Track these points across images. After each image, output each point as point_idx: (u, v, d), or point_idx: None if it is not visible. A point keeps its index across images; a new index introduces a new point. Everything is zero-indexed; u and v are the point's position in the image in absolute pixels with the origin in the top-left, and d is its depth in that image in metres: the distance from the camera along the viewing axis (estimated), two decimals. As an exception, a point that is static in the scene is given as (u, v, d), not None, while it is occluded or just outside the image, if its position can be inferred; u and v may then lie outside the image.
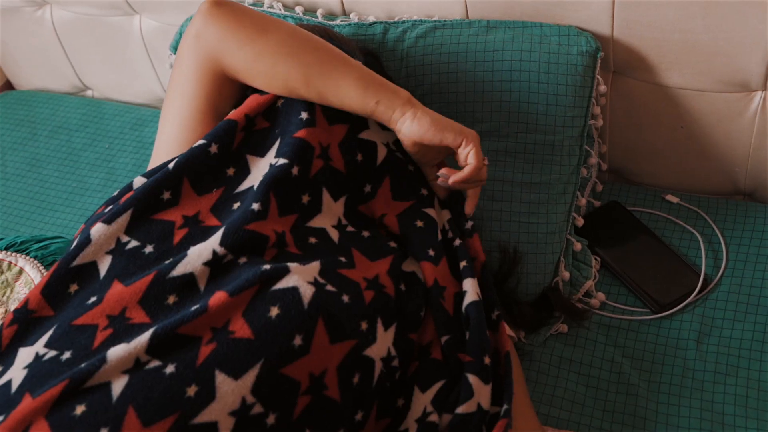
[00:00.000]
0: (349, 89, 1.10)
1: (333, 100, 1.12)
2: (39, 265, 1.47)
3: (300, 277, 0.95)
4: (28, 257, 1.49)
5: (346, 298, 0.98)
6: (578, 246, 1.37)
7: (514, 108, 1.32)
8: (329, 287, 0.97)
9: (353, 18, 1.48)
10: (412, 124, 1.10)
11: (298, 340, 0.91)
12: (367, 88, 1.10)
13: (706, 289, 1.33)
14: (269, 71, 1.13)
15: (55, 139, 1.87)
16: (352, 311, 0.98)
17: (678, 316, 1.31)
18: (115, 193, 1.11)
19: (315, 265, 0.99)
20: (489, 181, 1.32)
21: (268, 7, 1.52)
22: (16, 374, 0.90)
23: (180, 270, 0.96)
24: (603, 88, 1.38)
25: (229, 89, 1.18)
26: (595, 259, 1.39)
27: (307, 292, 0.94)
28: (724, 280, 1.34)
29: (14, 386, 0.88)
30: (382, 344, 1.00)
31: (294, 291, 0.94)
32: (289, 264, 0.97)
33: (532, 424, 1.11)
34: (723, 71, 1.33)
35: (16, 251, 1.51)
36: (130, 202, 1.04)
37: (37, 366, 0.90)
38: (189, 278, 0.96)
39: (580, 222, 1.40)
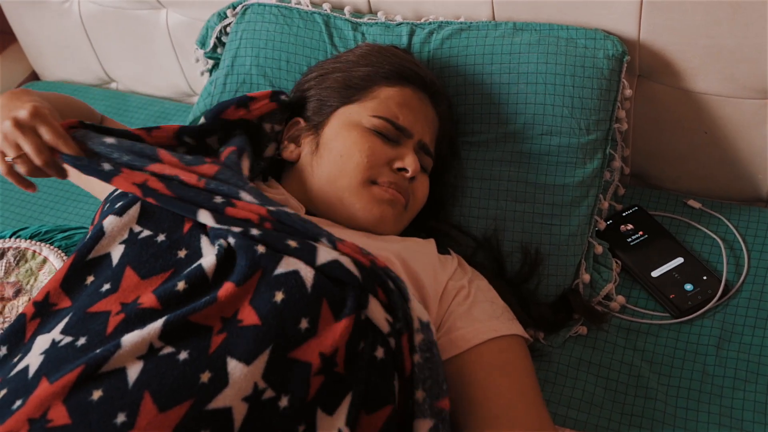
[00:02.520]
0: None
1: None
2: (63, 254, 1.49)
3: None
4: (52, 247, 1.51)
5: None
6: (599, 249, 1.38)
7: (539, 110, 1.32)
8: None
9: (380, 17, 1.49)
10: None
11: (304, 323, 0.93)
12: None
13: (727, 295, 1.33)
14: None
15: (79, 130, 1.88)
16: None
17: (698, 321, 1.31)
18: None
19: None
20: (513, 182, 1.33)
21: (296, 3, 1.53)
22: (32, 360, 0.92)
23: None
24: (628, 92, 1.38)
25: None
26: (616, 262, 1.39)
27: (308, 275, 0.96)
28: (745, 287, 1.34)
29: (31, 371, 0.90)
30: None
31: (296, 275, 0.96)
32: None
33: (546, 424, 1.11)
34: (748, 78, 1.33)
35: (41, 240, 1.52)
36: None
37: (53, 352, 0.92)
38: (199, 269, 0.98)
39: (602, 225, 1.41)
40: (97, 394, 0.84)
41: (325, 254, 0.99)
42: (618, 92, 1.35)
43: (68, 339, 0.93)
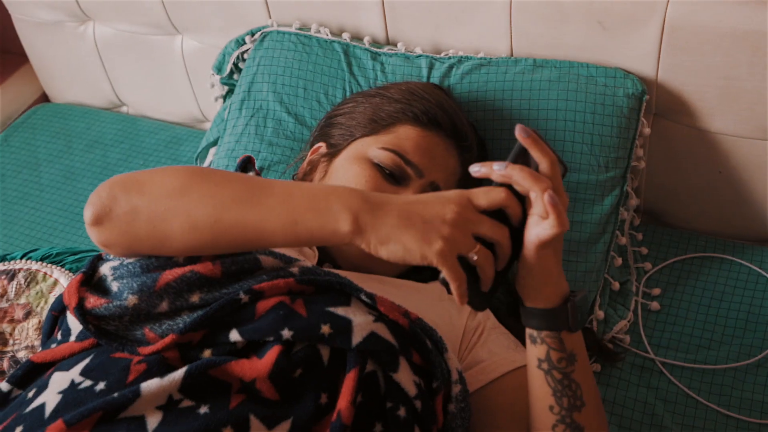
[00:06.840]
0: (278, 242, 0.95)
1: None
2: (73, 277, 1.48)
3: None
4: (63, 269, 1.50)
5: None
6: (616, 285, 1.38)
7: (559, 147, 1.33)
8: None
9: (400, 48, 1.50)
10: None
11: (324, 399, 0.91)
12: (297, 237, 0.92)
13: (741, 335, 1.34)
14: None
15: (90, 153, 1.89)
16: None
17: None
18: None
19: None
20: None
21: (315, 32, 1.54)
22: (49, 398, 0.89)
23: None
24: (647, 130, 1.38)
25: None
26: (636, 300, 1.39)
27: (324, 351, 0.94)
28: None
29: (48, 411, 0.88)
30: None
31: (313, 350, 0.93)
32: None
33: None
34: (765, 119, 1.34)
35: (52, 263, 1.52)
36: None
37: (71, 393, 0.89)
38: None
39: (619, 262, 1.40)
40: None
41: (360, 331, 0.94)
42: (636, 131, 1.36)
43: (88, 382, 0.90)
